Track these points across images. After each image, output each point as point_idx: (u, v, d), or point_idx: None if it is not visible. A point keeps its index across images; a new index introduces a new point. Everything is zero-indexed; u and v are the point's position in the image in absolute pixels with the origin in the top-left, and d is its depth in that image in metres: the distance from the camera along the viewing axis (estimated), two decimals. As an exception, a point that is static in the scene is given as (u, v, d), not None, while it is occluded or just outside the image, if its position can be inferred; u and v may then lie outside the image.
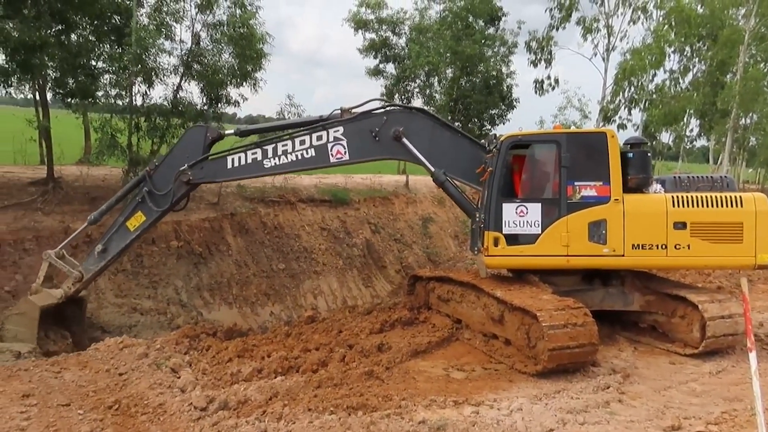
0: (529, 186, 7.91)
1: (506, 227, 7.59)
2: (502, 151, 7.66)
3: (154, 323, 10.75)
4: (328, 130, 8.21)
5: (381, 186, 18.86)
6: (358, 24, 23.85)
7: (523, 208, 7.58)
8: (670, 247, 7.36)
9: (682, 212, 7.36)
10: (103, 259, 8.66)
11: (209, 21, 14.13)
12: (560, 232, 7.47)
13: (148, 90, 13.60)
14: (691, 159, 45.99)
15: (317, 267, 14.67)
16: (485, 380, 6.57)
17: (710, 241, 7.35)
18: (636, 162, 7.69)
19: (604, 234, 7.41)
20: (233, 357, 7.09)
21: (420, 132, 8.35)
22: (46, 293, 8.49)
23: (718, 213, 7.35)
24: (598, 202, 7.45)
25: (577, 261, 7.56)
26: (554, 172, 7.63)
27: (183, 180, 8.38)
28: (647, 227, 7.41)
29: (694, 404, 5.92)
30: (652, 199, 7.58)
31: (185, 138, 8.91)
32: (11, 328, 8.18)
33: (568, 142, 7.56)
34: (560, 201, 7.51)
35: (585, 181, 7.47)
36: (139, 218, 8.56)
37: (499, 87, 23.83)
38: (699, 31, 25.87)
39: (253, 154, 8.30)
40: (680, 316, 7.60)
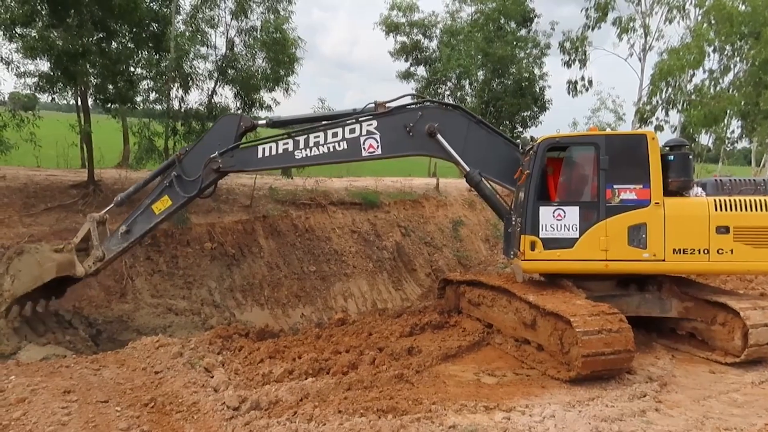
0: (566, 189, 7.75)
1: (543, 231, 7.44)
2: (539, 154, 7.52)
3: (188, 323, 10.99)
4: (361, 123, 8.15)
5: (411, 189, 18.85)
6: (390, 27, 23.97)
7: (561, 212, 7.43)
8: (713, 251, 7.20)
9: (725, 216, 7.22)
10: (126, 240, 8.56)
11: (243, 27, 14.41)
12: (599, 236, 7.30)
13: (185, 95, 13.99)
14: (731, 161, 44.49)
15: (347, 269, 14.75)
16: (517, 386, 6.47)
17: (754, 246, 7.17)
18: (677, 165, 7.49)
19: (644, 238, 7.24)
20: (265, 358, 7.17)
21: (455, 129, 8.26)
22: (69, 261, 8.26)
23: (762, 217, 7.19)
24: (638, 206, 7.28)
25: (616, 266, 7.37)
26: (592, 175, 7.48)
27: (212, 167, 8.32)
28: (689, 231, 7.26)
29: (735, 415, 5.70)
30: (694, 203, 7.41)
31: (218, 126, 8.79)
32: (17, 266, 8.04)
33: (606, 144, 7.40)
34: (599, 204, 7.34)
35: (624, 184, 7.31)
36: (165, 202, 8.50)
37: (531, 89, 23.57)
38: (741, 29, 25.01)
39: (285, 145, 8.24)
40: (721, 324, 7.34)
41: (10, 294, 8.08)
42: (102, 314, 10.50)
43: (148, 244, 11.95)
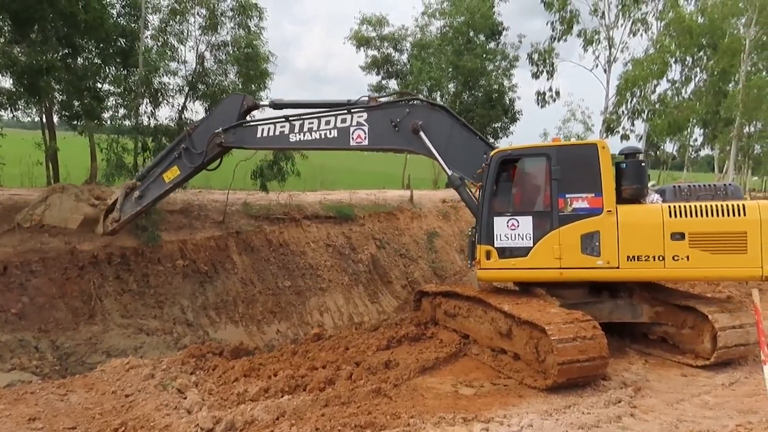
0: (520, 199, 7.95)
1: (498, 241, 7.67)
2: (492, 166, 7.75)
3: (161, 343, 10.72)
4: (352, 114, 8.52)
5: (385, 201, 18.85)
6: (360, 41, 24.15)
7: (515, 222, 7.64)
8: (668, 258, 7.13)
9: (680, 222, 7.13)
10: (139, 204, 9.46)
11: (213, 42, 14.30)
12: (552, 244, 7.43)
13: (155, 110, 13.77)
14: (695, 168, 45.94)
15: (323, 284, 14.63)
16: (494, 396, 6.49)
17: (711, 252, 7.04)
18: (630, 172, 7.58)
19: (597, 246, 7.29)
20: (240, 376, 7.05)
21: (439, 128, 8.42)
22: (95, 218, 9.65)
23: (718, 222, 7.04)
24: (590, 214, 7.35)
25: (570, 273, 7.47)
26: (545, 185, 7.62)
27: (216, 142, 8.98)
28: (643, 238, 7.21)
29: (708, 417, 5.81)
30: (648, 210, 7.39)
31: (223, 103, 9.48)
32: (55, 201, 9.66)
33: (558, 155, 7.55)
34: (552, 214, 7.48)
35: (576, 193, 7.41)
36: (174, 172, 9.30)
37: (501, 100, 23.98)
38: (700, 41, 25.96)
39: (282, 127, 8.76)
40: (690, 327, 7.51)
41: (38, 219, 9.74)
42: (69, 337, 10.16)
43: (117, 263, 11.65)
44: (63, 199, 9.63)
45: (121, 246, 12.09)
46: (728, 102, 26.98)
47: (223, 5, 13.95)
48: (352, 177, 30.76)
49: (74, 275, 11.04)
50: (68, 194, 9.68)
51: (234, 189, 16.43)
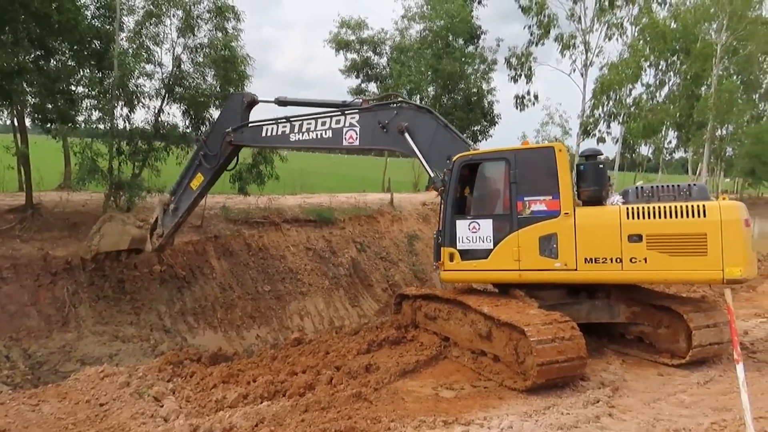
0: (480, 203, 8.13)
1: (460, 243, 7.86)
2: (454, 171, 7.94)
3: (137, 350, 10.54)
4: (346, 115, 8.92)
5: (366, 204, 18.84)
6: (339, 45, 24.12)
7: (476, 225, 7.81)
8: (626, 260, 7.01)
9: (637, 224, 7.00)
10: (176, 216, 10.15)
11: (190, 44, 14.14)
12: (512, 247, 7.53)
13: (130, 113, 13.54)
14: (670, 170, 46.83)
15: (303, 288, 14.55)
16: (475, 398, 6.49)
17: (669, 254, 6.86)
18: (588, 174, 7.61)
19: (555, 248, 7.32)
20: (218, 383, 6.95)
21: (423, 130, 8.61)
22: (143, 237, 10.30)
23: (677, 224, 6.84)
24: (548, 217, 7.39)
25: (529, 275, 7.54)
26: (505, 189, 7.74)
27: (227, 140, 9.58)
28: (600, 240, 7.16)
29: (683, 416, 5.89)
30: (605, 212, 7.32)
31: (226, 105, 10.10)
32: (106, 229, 10.36)
33: (516, 159, 7.64)
34: (511, 216, 7.59)
35: (535, 196, 7.47)
36: (199, 179, 9.92)
37: (480, 103, 24.15)
38: (673, 46, 26.50)
39: (283, 127, 9.30)
40: (666, 327, 7.60)
41: (96, 248, 10.51)
42: (42, 345, 9.95)
43: (91, 269, 11.42)
44: (112, 226, 10.49)
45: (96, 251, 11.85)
46: (701, 105, 27.55)
47: (199, 7, 13.80)
48: (333, 180, 30.71)
49: (47, 282, 10.83)
50: (116, 221, 10.59)
51: (212, 193, 16.23)
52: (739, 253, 6.65)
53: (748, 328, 9.55)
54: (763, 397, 6.21)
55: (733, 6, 27.36)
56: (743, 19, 28.24)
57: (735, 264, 6.61)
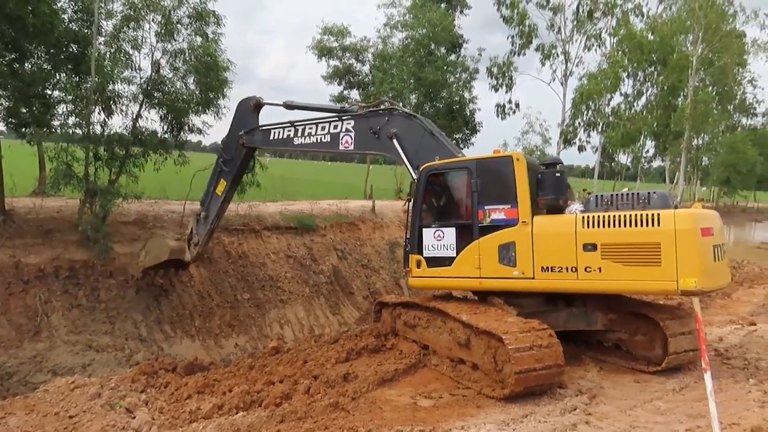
0: (445, 211, 8.33)
1: (426, 250, 8.05)
2: (421, 180, 8.13)
3: (111, 360, 10.32)
4: (343, 121, 9.19)
5: (347, 211, 18.79)
6: (322, 51, 24.06)
7: (440, 233, 7.97)
8: (581, 269, 6.90)
9: (592, 233, 6.85)
10: (208, 223, 10.61)
11: (169, 49, 13.99)
12: (473, 255, 7.63)
13: (108, 118, 13.34)
14: (648, 179, 47.61)
15: (283, 295, 14.42)
16: (453, 407, 6.45)
17: (623, 264, 6.66)
18: (546, 183, 7.57)
19: (513, 256, 7.33)
20: (193, 393, 6.82)
21: (410, 137, 8.76)
22: (181, 248, 10.81)
23: (630, 233, 6.63)
24: (506, 225, 7.42)
25: (489, 283, 7.62)
26: (467, 198, 7.85)
27: (240, 143, 10.02)
28: (556, 249, 7.09)
29: (659, 422, 5.92)
30: (561, 221, 7.23)
31: (237, 110, 10.39)
32: (150, 245, 11.26)
33: (477, 168, 7.73)
34: (472, 225, 7.68)
35: (494, 205, 7.54)
36: (222, 184, 10.39)
37: (462, 112, 24.25)
38: (650, 57, 26.99)
39: (288, 131, 9.68)
40: (643, 334, 7.65)
41: (142, 264, 11.31)
42: (12, 355, 9.69)
43: (65, 277, 11.20)
44: (154, 242, 11.36)
45: (70, 259, 11.66)
46: (677, 115, 28.08)
47: (179, 12, 13.67)
48: (315, 187, 30.60)
49: (18, 290, 10.59)
50: (157, 237, 11.59)
51: (192, 199, 16.05)
52: (694, 263, 6.36)
53: (722, 335, 9.66)
54: (737, 404, 6.27)
55: (708, 19, 28.01)
56: (718, 32, 28.92)
57: (689, 275, 6.30)
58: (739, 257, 20.44)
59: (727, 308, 13.06)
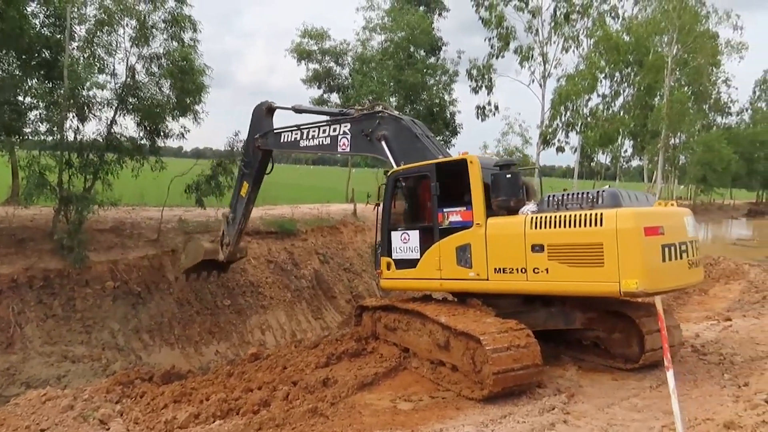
0: (410, 215, 8.53)
1: (395, 253, 8.27)
2: (388, 184, 8.36)
3: (87, 371, 10.14)
4: (341, 124, 9.43)
5: (329, 215, 18.74)
6: (301, 55, 23.97)
7: (406, 235, 8.16)
8: (530, 270, 6.83)
9: (540, 234, 6.77)
10: (236, 223, 11.08)
11: (145, 54, 13.83)
12: (434, 256, 7.73)
13: (81, 125, 13.13)
14: (628, 178, 48.29)
15: (264, 301, 14.31)
16: (432, 410, 6.43)
17: (569, 265, 6.52)
18: (499, 184, 7.43)
19: (469, 258, 7.37)
20: (169, 402, 6.70)
21: (398, 139, 8.87)
22: (215, 249, 11.38)
23: (574, 234, 6.48)
24: (463, 227, 7.48)
25: (449, 284, 7.74)
26: (428, 201, 7.95)
27: (255, 146, 10.48)
28: (507, 251, 7.05)
29: (636, 420, 5.96)
30: (512, 222, 7.16)
31: (253, 115, 10.78)
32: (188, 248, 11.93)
33: (436, 172, 7.80)
34: (433, 227, 7.79)
35: (452, 208, 7.62)
36: (245, 186, 10.88)
37: (442, 114, 24.30)
38: (627, 58, 27.39)
39: (295, 134, 10.05)
40: (620, 332, 7.71)
41: (183, 266, 12.00)
42: (-16, 368, 9.45)
43: (39, 287, 10.98)
44: (191, 245, 11.95)
45: (45, 268, 11.45)
46: (654, 115, 28.54)
47: (154, 17, 13.52)
48: (297, 191, 30.46)
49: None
50: (193, 240, 12.23)
51: (170, 205, 15.89)
52: (636, 264, 6.16)
53: (699, 331, 9.79)
54: (711, 399, 6.35)
55: (681, 20, 28.54)
56: (692, 33, 29.49)
57: (631, 276, 6.12)
58: (716, 254, 20.78)
59: (704, 304, 13.27)
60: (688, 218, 7.18)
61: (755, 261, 19.91)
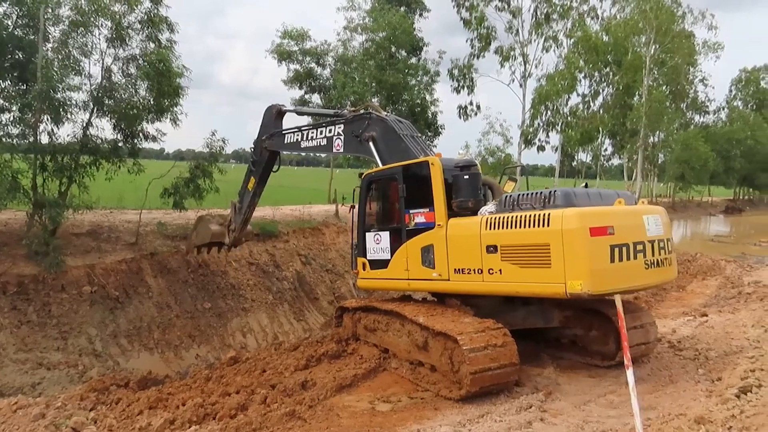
0: (381, 216, 8.68)
1: (369, 254, 8.48)
2: (363, 186, 8.56)
3: (63, 378, 9.95)
4: (335, 126, 9.60)
5: (310, 216, 18.65)
6: (282, 55, 23.85)
7: (379, 236, 8.38)
8: (485, 271, 6.87)
9: (493, 235, 6.80)
10: (242, 213, 11.66)
11: (121, 55, 13.64)
12: (403, 257, 7.89)
13: (56, 128, 12.89)
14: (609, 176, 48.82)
15: (246, 304, 14.19)
16: (410, 410, 6.43)
17: (520, 266, 6.55)
18: (458, 185, 7.51)
19: (432, 258, 7.49)
20: (144, 409, 6.62)
21: (384, 139, 8.94)
22: (222, 232, 12.09)
23: (523, 234, 6.50)
24: (427, 228, 7.60)
25: (416, 284, 7.90)
26: (397, 203, 8.11)
27: (263, 146, 10.83)
28: (464, 251, 7.12)
29: (611, 416, 6.02)
30: (469, 223, 7.20)
31: (263, 117, 11.04)
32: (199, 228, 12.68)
33: (403, 174, 7.94)
34: (401, 229, 7.94)
35: (417, 209, 7.75)
36: (252, 181, 11.28)
37: (424, 114, 24.40)
38: (605, 58, 27.72)
39: (297, 136, 10.29)
40: (596, 329, 7.79)
41: (193, 243, 12.81)
42: (-45, 377, 9.24)
43: (13, 293, 10.76)
44: (201, 225, 12.61)
45: (19, 274, 11.23)
46: (633, 114, 28.92)
47: (129, 18, 13.33)
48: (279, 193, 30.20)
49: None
50: (204, 221, 12.72)
51: (149, 208, 15.70)
52: (581, 265, 6.09)
53: (675, 327, 9.93)
54: (685, 394, 6.45)
55: (658, 20, 28.95)
56: (668, 33, 29.93)
57: (576, 277, 6.06)
58: (694, 250, 21.10)
59: (682, 300, 13.45)
60: (651, 217, 6.95)
61: (732, 257, 20.26)
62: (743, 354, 7.46)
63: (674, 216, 41.90)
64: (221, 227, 12.24)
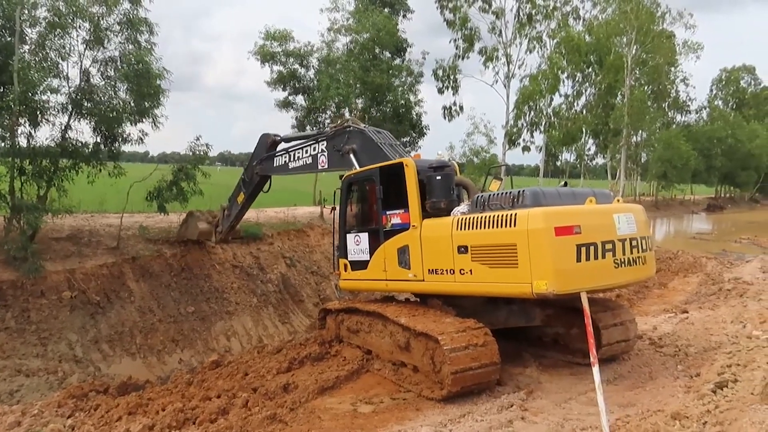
0: (360, 218, 8.77)
1: (350, 255, 8.57)
2: (343, 188, 8.68)
3: (42, 385, 9.78)
4: (319, 143, 9.81)
5: (295, 218, 18.57)
6: (265, 57, 23.75)
7: (358, 238, 8.46)
8: (457, 272, 6.91)
9: (464, 235, 6.82)
10: (229, 219, 12.43)
11: (99, 57, 13.48)
12: (381, 258, 7.97)
13: (34, 131, 12.69)
14: (593, 175, 49.26)
15: (230, 307, 14.08)
16: (392, 411, 6.42)
17: (489, 266, 6.57)
18: (431, 186, 7.51)
19: (408, 259, 7.56)
20: (123, 414, 6.54)
21: (363, 151, 9.06)
22: (209, 231, 13.15)
23: (491, 234, 6.51)
24: (402, 229, 7.67)
25: (393, 285, 7.96)
26: (375, 204, 8.18)
27: (255, 171, 11.36)
28: (437, 252, 7.16)
29: (591, 414, 6.05)
30: (441, 224, 7.22)
31: (258, 143, 11.49)
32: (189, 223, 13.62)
33: (380, 175, 8.02)
34: (379, 230, 8.00)
35: (393, 210, 7.82)
36: (241, 196, 11.93)
37: (408, 115, 24.45)
38: (587, 58, 27.99)
39: (284, 158, 10.65)
40: (578, 327, 7.81)
41: (181, 235, 13.89)
42: (-70, 386, 9.05)
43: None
44: (191, 221, 13.37)
45: (-4, 280, 11.00)
46: (615, 114, 29.22)
47: (108, 19, 13.17)
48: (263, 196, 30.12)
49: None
50: (194, 217, 13.49)
51: (131, 212, 15.53)
52: (546, 264, 6.09)
53: (657, 324, 10.03)
54: (664, 390, 6.51)
55: (639, 21, 29.30)
56: (649, 33, 30.30)
57: (541, 277, 6.07)
58: (676, 248, 21.35)
59: (663, 297, 13.60)
60: (623, 216, 6.84)
61: (712, 254, 20.53)
62: (721, 350, 7.56)
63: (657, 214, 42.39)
64: (209, 226, 12.93)
